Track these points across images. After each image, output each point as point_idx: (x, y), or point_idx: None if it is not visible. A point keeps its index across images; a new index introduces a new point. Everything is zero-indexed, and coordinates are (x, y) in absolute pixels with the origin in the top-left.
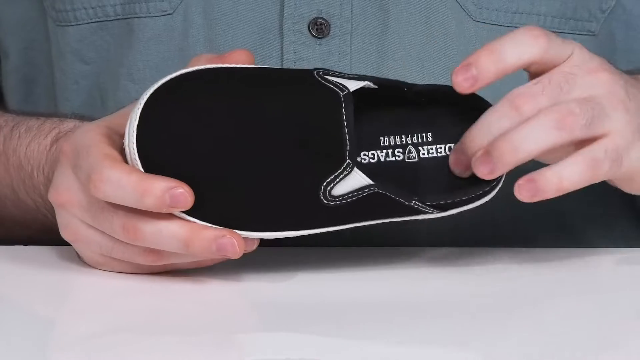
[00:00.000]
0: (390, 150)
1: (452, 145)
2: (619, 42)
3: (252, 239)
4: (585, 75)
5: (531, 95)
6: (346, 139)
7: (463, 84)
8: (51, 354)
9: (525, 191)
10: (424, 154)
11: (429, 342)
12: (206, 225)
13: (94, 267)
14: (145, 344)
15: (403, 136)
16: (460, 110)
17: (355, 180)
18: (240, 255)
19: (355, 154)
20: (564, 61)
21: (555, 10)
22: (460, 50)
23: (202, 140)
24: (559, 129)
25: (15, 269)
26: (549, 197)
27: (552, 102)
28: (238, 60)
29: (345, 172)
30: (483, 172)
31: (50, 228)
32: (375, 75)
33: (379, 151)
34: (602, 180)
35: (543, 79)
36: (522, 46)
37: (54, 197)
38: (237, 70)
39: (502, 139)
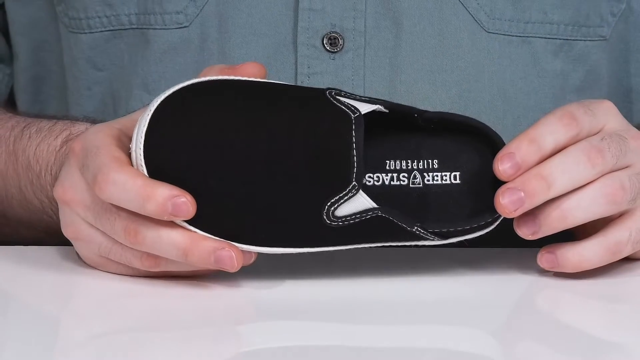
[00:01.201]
0: (395, 174)
1: (457, 174)
2: (630, 44)
3: (250, 253)
4: (632, 141)
5: (601, 151)
6: (354, 161)
7: (508, 171)
8: (54, 353)
9: (545, 262)
10: (428, 180)
11: (425, 341)
12: (206, 236)
13: (92, 267)
14: (148, 342)
15: (409, 161)
16: (468, 140)
17: (359, 203)
18: (238, 269)
19: (361, 176)
20: (605, 126)
21: (567, 18)
22: (472, 62)
23: (208, 152)
24: (609, 203)
25: (20, 269)
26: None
27: (615, 162)
28: (250, 72)
29: (350, 194)
30: (525, 233)
31: (54, 230)
32: (388, 88)
33: (384, 174)
34: None
35: (605, 136)
36: (556, 134)
37: (59, 193)
38: (250, 84)
39: (553, 206)
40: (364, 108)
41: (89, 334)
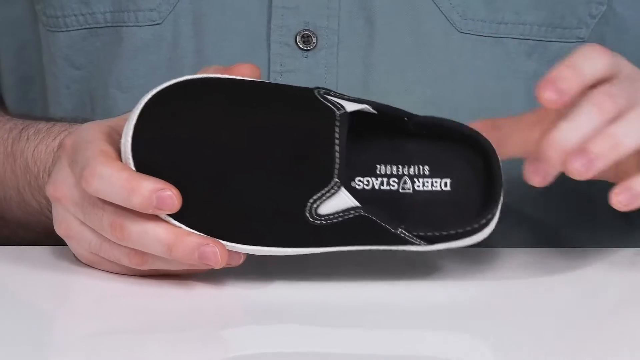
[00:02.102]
0: (385, 179)
1: (447, 181)
2: (609, 46)
3: (238, 254)
4: None
5: (611, 95)
6: (336, 158)
7: (551, 97)
8: (52, 353)
9: (624, 200)
10: (419, 186)
11: (422, 343)
12: (191, 232)
13: (87, 265)
14: (141, 342)
15: (400, 166)
16: (459, 146)
17: (341, 201)
18: (222, 265)
19: (344, 173)
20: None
21: (541, 19)
22: (446, 61)
23: (195, 147)
24: None
25: (18, 269)
26: None
27: (628, 102)
28: (244, 73)
29: (332, 191)
30: (579, 167)
31: (53, 231)
32: (361, 87)
33: (374, 179)
34: None
35: (614, 81)
36: (594, 61)
37: (51, 191)
38: (241, 82)
39: (602, 136)
40: (350, 107)
41: (83, 333)
